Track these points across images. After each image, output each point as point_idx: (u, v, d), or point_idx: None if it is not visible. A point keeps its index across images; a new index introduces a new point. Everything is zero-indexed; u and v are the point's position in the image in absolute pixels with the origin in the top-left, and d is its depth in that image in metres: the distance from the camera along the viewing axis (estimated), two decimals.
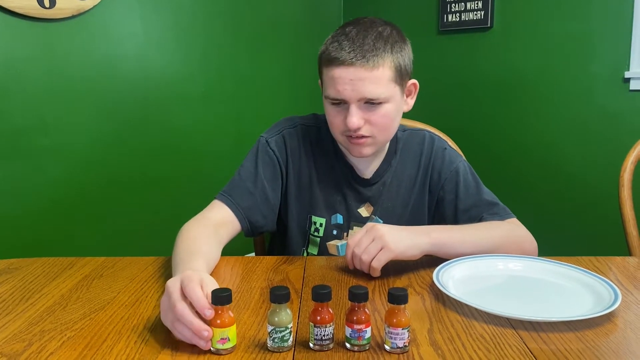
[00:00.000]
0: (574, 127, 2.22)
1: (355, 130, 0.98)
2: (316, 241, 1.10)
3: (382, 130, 1.00)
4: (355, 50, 0.94)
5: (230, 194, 1.04)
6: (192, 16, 2.15)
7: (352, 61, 0.94)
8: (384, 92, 0.96)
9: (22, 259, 0.97)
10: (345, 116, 0.97)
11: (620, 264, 0.95)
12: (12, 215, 1.69)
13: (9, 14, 1.63)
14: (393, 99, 0.99)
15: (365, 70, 0.94)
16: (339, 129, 1.01)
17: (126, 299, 0.79)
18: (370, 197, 1.11)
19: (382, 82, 0.96)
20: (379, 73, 0.95)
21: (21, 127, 1.69)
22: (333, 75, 0.96)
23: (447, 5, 2.52)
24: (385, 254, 0.83)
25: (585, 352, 0.63)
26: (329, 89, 0.98)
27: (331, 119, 1.02)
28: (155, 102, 2.05)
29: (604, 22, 2.09)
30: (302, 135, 1.11)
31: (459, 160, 1.13)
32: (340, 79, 0.95)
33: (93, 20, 1.83)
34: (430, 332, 0.68)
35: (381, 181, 1.11)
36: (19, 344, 0.65)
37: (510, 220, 1.05)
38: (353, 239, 0.87)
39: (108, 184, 1.93)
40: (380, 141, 1.03)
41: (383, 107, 0.98)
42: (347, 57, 0.94)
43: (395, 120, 1.03)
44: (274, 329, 0.62)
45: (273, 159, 1.08)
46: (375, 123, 0.98)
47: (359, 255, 0.85)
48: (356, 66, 0.94)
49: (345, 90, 0.95)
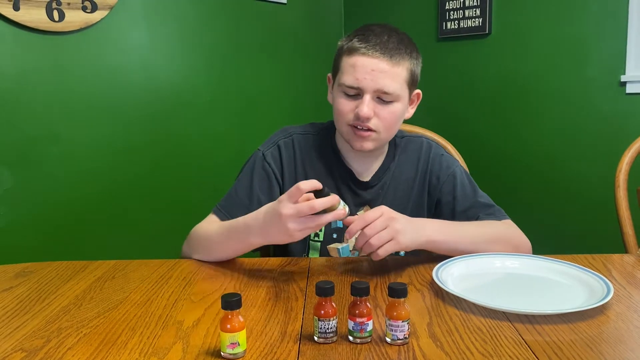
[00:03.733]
0: (571, 130, 2.25)
1: (365, 121, 1.01)
2: (317, 246, 1.12)
3: (387, 127, 1.04)
4: (380, 44, 1.00)
5: (226, 209, 1.06)
6: (197, 27, 2.20)
7: (376, 54, 0.99)
8: (398, 89, 1.01)
9: (37, 263, 1.01)
10: (355, 107, 1.01)
11: (615, 261, 0.98)
12: (25, 221, 1.73)
13: (20, 28, 1.68)
14: (402, 100, 1.04)
15: (387, 64, 0.99)
16: (346, 118, 1.03)
17: (138, 298, 0.82)
18: (370, 200, 1.14)
19: (398, 79, 1.01)
20: (398, 70, 1.01)
21: (32, 137, 1.73)
22: (355, 63, 1.00)
23: (446, 12, 2.56)
24: (393, 245, 0.86)
25: (578, 343, 0.66)
26: (346, 77, 1.02)
27: (341, 107, 1.04)
28: (161, 111, 2.09)
29: (600, 27, 2.12)
30: (298, 144, 1.13)
31: (455, 165, 1.17)
32: (361, 67, 0.99)
33: (101, 32, 1.88)
34: (430, 326, 0.71)
35: (380, 184, 1.14)
36: (38, 340, 0.69)
37: (505, 221, 1.08)
38: (368, 216, 0.87)
39: (117, 190, 1.96)
40: (382, 138, 1.06)
41: (393, 105, 1.03)
42: (372, 49, 1.00)
43: (399, 122, 1.08)
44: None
45: (269, 171, 1.10)
46: (384, 119, 1.02)
47: (369, 236, 0.85)
48: (379, 59, 0.99)
49: (365, 79, 0.99)
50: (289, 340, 0.67)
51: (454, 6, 2.53)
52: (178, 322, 0.73)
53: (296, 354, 0.63)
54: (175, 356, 0.63)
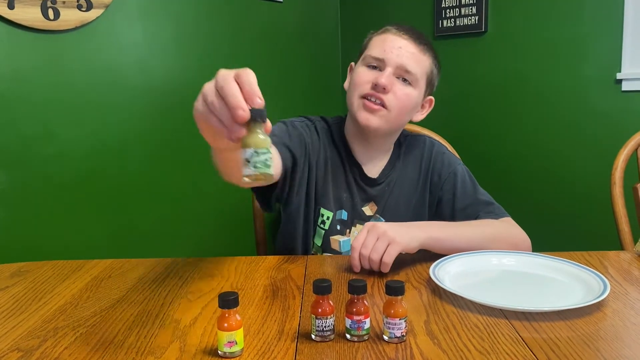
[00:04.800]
0: (568, 127, 2.26)
1: (381, 91, 1.03)
2: (321, 233, 1.13)
3: (399, 108, 1.06)
4: (412, 32, 1.08)
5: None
6: (193, 26, 2.19)
7: (406, 36, 1.06)
8: (418, 73, 1.06)
9: (32, 262, 1.00)
10: (373, 78, 1.04)
11: (612, 258, 0.98)
12: (20, 220, 1.72)
13: (15, 27, 1.67)
14: (419, 89, 1.08)
15: (414, 48, 1.06)
16: (361, 89, 1.06)
17: (135, 297, 0.82)
18: (375, 197, 1.15)
19: (421, 65, 1.07)
20: (422, 58, 1.07)
21: (27, 136, 1.72)
22: (385, 38, 1.06)
23: (442, 11, 2.56)
24: (394, 248, 0.86)
25: (574, 340, 0.66)
26: (373, 49, 1.07)
27: (359, 78, 1.07)
28: (158, 109, 2.08)
29: (596, 25, 2.13)
30: (319, 132, 1.15)
31: (457, 163, 1.18)
32: (391, 42, 1.05)
33: (96, 31, 1.87)
34: (427, 323, 0.71)
35: (386, 181, 1.15)
36: (35, 339, 0.68)
37: (504, 219, 1.08)
38: (357, 241, 0.88)
39: (112, 189, 1.96)
40: (390, 120, 1.07)
41: (409, 87, 1.06)
42: (404, 32, 1.07)
43: (410, 111, 1.11)
44: (254, 152, 0.58)
45: (301, 133, 1.11)
46: (399, 98, 1.05)
47: (367, 255, 0.86)
48: (408, 40, 1.06)
49: (392, 53, 1.04)
50: (286, 339, 0.67)
51: (450, 4, 2.53)
52: (175, 321, 0.73)
53: (293, 352, 0.63)
54: (172, 355, 0.63)
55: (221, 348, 0.62)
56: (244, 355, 0.62)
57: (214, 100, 0.60)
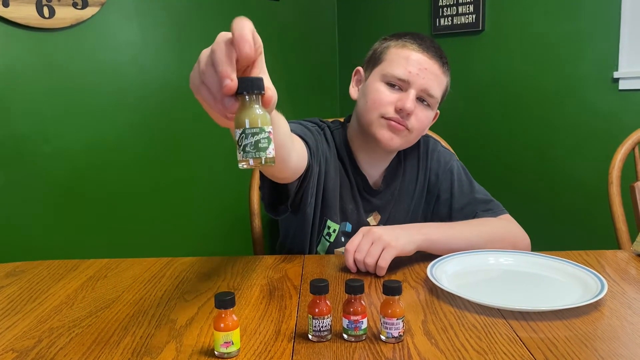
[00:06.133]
0: (565, 126, 2.26)
1: (405, 116, 1.00)
2: (325, 245, 1.11)
3: (419, 130, 1.05)
4: (434, 49, 1.02)
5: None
6: (189, 24, 2.19)
7: (430, 54, 1.01)
8: (438, 96, 1.04)
9: (27, 262, 1.00)
10: (396, 100, 1.00)
11: (609, 257, 0.98)
12: (15, 219, 1.71)
13: (10, 25, 1.66)
14: (434, 111, 1.07)
15: (438, 69, 1.02)
16: (383, 110, 1.00)
17: (131, 297, 0.81)
18: (379, 207, 1.14)
19: (441, 88, 1.04)
20: (443, 79, 1.04)
21: (23, 135, 1.71)
22: (409, 56, 1.00)
23: (439, 9, 2.56)
24: (389, 252, 0.85)
25: (572, 339, 0.66)
26: (396, 67, 1.00)
27: (381, 97, 1.01)
28: (154, 108, 2.07)
29: (593, 24, 2.13)
30: (328, 139, 1.10)
31: (452, 160, 1.17)
32: (416, 62, 1.00)
33: (92, 29, 1.86)
34: (424, 323, 0.70)
35: (390, 190, 1.14)
36: (30, 340, 0.68)
37: (503, 217, 1.08)
38: (351, 245, 0.88)
39: (108, 189, 1.95)
40: (409, 141, 1.06)
41: (429, 110, 1.04)
42: (427, 49, 1.01)
43: (425, 131, 1.09)
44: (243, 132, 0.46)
45: (317, 138, 1.04)
46: (420, 120, 1.03)
47: (361, 259, 0.86)
48: (433, 60, 1.01)
49: (417, 75, 0.99)
50: (283, 339, 0.66)
51: (447, 2, 2.53)
52: (171, 321, 0.72)
53: (290, 352, 0.63)
54: (168, 355, 0.63)
55: (217, 348, 0.61)
56: (240, 356, 0.62)
57: (204, 68, 0.51)
